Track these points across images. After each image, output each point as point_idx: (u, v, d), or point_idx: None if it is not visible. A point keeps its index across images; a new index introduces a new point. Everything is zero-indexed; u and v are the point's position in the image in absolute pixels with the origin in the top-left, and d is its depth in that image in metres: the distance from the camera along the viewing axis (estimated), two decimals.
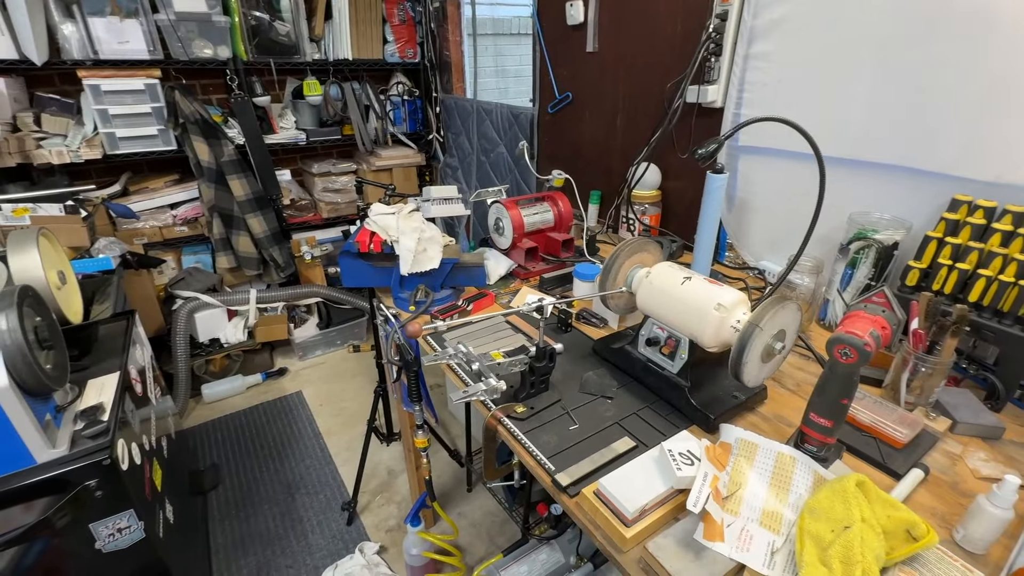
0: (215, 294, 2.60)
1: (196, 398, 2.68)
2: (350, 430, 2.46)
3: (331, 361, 3.06)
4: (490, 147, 2.70)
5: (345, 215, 3.01)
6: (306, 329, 2.99)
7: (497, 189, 1.68)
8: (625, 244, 1.08)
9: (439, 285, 1.42)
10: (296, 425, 2.48)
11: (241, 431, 2.45)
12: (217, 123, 2.39)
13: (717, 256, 1.65)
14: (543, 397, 1.01)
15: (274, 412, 2.58)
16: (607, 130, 2.03)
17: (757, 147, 1.48)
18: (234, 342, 2.71)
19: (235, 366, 2.79)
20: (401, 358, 1.19)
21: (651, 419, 0.97)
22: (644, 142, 1.73)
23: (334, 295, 2.90)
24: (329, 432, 2.45)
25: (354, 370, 2.96)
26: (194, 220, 2.65)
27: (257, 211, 2.56)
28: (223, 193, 2.49)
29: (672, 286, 0.99)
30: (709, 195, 1.22)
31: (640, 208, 1.82)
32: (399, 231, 1.34)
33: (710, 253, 1.30)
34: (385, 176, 3.02)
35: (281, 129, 2.71)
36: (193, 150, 2.38)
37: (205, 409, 2.62)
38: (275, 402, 2.66)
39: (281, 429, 2.46)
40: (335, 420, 2.53)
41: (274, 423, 2.50)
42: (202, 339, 2.65)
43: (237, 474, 2.20)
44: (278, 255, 2.70)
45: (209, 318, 2.62)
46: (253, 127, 2.52)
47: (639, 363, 1.06)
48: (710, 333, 0.92)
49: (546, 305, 0.95)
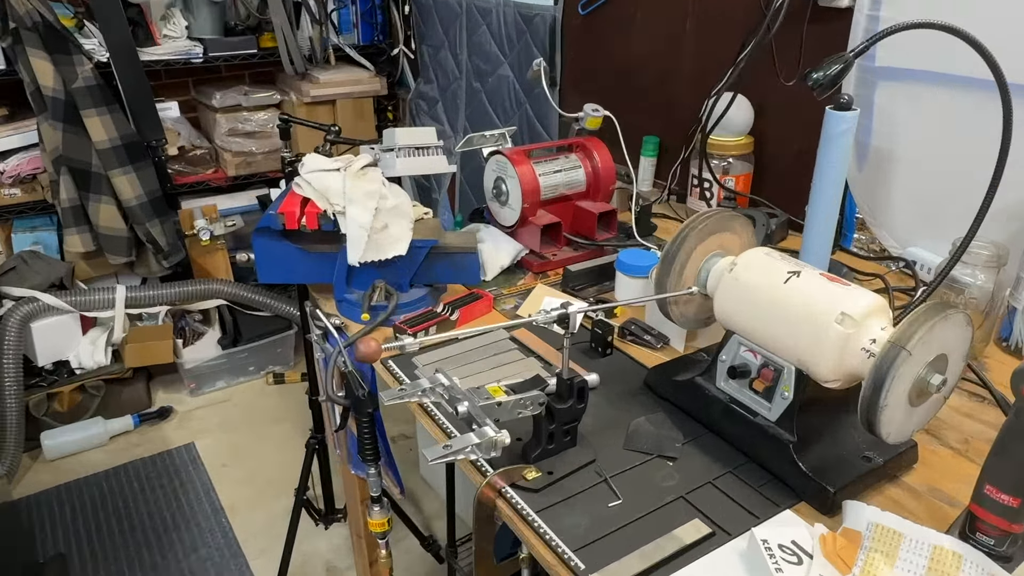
0: (62, 293, 2.61)
1: (33, 452, 2.70)
2: (268, 505, 2.47)
3: (240, 397, 3.07)
4: (488, 68, 2.71)
5: (263, 172, 3.02)
6: (202, 348, 3.00)
7: (498, 133, 1.67)
8: (697, 219, 1.07)
9: (407, 282, 1.41)
10: (186, 496, 2.49)
11: (101, 504, 2.46)
12: (67, 29, 2.41)
13: (840, 239, 1.65)
14: (568, 456, 1.01)
15: (152, 475, 2.59)
16: (669, 42, 2.02)
17: (904, 70, 1.47)
18: (91, 367, 2.73)
19: (92, 404, 2.81)
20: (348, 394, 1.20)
21: (735, 492, 0.96)
22: (729, 61, 1.73)
23: (246, 296, 2.92)
24: (236, 507, 2.46)
25: (276, 412, 2.97)
26: (31, 179, 2.67)
27: (127, 165, 2.57)
28: (75, 137, 2.51)
29: (770, 285, 0.98)
30: (829, 144, 1.21)
31: (722, 164, 1.82)
32: (346, 197, 1.34)
33: (830, 234, 1.29)
34: (326, 113, 3.03)
35: (165, 39, 2.73)
36: (30, 71, 2.40)
37: (46, 469, 2.64)
38: (154, 460, 2.67)
39: (163, 502, 2.47)
40: (245, 489, 2.54)
41: (152, 493, 2.51)
42: (42, 362, 2.67)
43: (95, 571, 2.21)
44: (159, 234, 2.71)
45: (53, 330, 2.63)
46: (122, 35, 2.53)
47: (718, 405, 1.05)
48: (829, 359, 0.91)
49: (573, 314, 0.95)
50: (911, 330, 0.82)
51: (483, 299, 1.41)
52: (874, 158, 1.58)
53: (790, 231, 1.72)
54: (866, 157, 1.60)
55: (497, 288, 1.51)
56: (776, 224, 1.65)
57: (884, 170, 1.57)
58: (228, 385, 3.12)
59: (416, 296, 1.41)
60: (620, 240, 1.64)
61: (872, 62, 1.51)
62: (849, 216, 1.65)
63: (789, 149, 1.78)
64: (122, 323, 2.69)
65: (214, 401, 3.03)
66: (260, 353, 3.13)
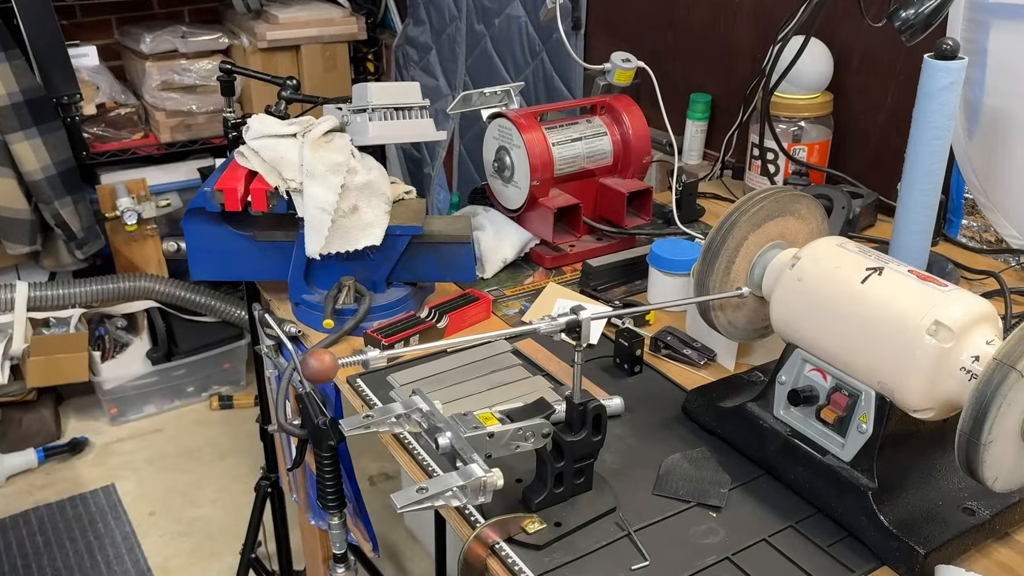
0: None
1: None
2: (208, 564, 2.48)
3: (175, 426, 3.08)
4: (495, 6, 2.71)
5: (206, 138, 3.03)
6: (127, 364, 3.01)
7: (502, 90, 1.68)
8: (751, 200, 1.07)
9: (383, 280, 1.42)
10: (103, 552, 2.51)
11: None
12: None
13: (944, 227, 1.64)
14: (581, 503, 1.01)
15: (60, 526, 2.61)
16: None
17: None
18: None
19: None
20: (305, 423, 1.21)
21: (797, 552, 0.96)
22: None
23: (183, 296, 2.93)
24: (167, 568, 2.47)
25: (220, 445, 2.98)
26: None
27: (31, 128, 2.59)
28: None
29: (844, 286, 0.97)
30: (929, 103, 1.21)
31: (791, 129, 1.81)
32: (304, 171, 1.35)
33: (930, 220, 1.28)
34: (288, 62, 3.04)
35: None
36: None
37: None
38: (63, 505, 2.68)
39: (73, 560, 2.48)
40: (179, 544, 2.55)
41: (59, 548, 2.52)
42: None
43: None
44: (71, 215, 2.73)
45: None
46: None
47: (775, 439, 1.05)
48: (918, 381, 0.90)
49: (586, 320, 0.95)
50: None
51: (480, 302, 1.41)
52: (988, 122, 1.57)
53: (879, 216, 1.71)
54: (977, 121, 1.59)
55: (498, 288, 1.51)
56: (860, 207, 1.64)
57: (1002, 137, 1.56)
58: (160, 411, 3.13)
59: (394, 298, 1.41)
60: (656, 228, 1.63)
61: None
62: (956, 197, 1.64)
63: (879, 110, 1.77)
64: (23, 331, 2.71)
65: (141, 431, 3.05)
66: (201, 370, 3.14)
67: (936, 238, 1.58)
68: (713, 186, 1.96)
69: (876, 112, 1.78)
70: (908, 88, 1.37)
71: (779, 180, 1.82)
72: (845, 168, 1.82)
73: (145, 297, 2.90)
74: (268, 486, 2.12)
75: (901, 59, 1.69)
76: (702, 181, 1.90)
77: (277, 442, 1.94)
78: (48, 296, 2.74)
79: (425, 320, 1.35)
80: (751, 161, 1.88)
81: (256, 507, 2.13)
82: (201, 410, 3.15)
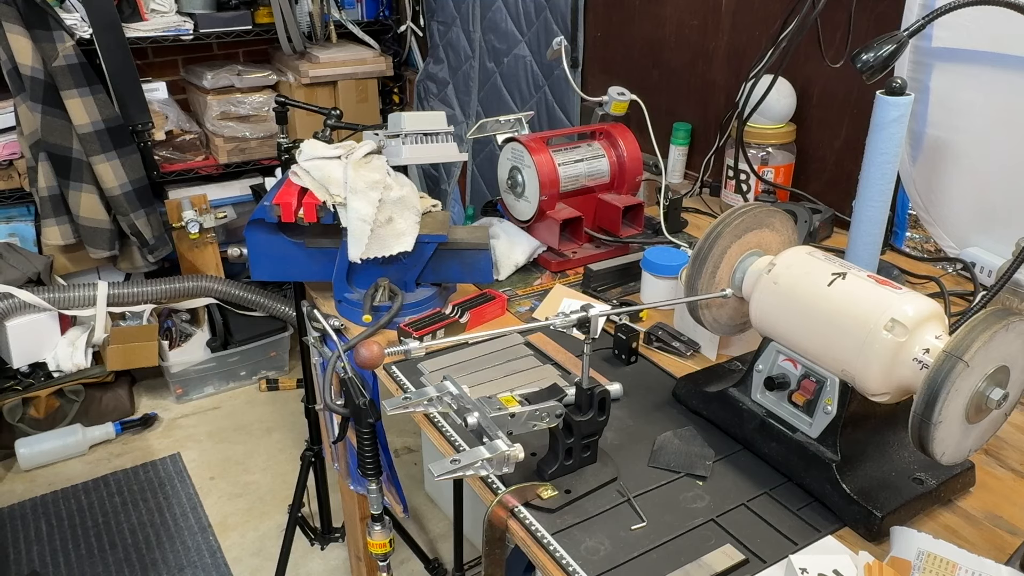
0: (40, 289, 2.64)
1: (6, 461, 2.73)
2: (260, 522, 2.48)
3: (230, 405, 3.09)
4: (504, 47, 2.71)
5: (257, 160, 3.04)
6: (190, 351, 3.02)
7: (514, 118, 1.68)
8: (732, 215, 1.07)
9: (413, 281, 1.42)
10: (171, 511, 2.51)
11: (79, 519, 2.48)
12: (47, 2, 2.43)
13: (891, 238, 1.64)
14: (587, 473, 1.01)
15: (134, 488, 2.62)
16: (704, 17, 2.02)
17: (964, 51, 1.46)
18: (70, 370, 2.76)
19: (71, 410, 2.84)
20: (348, 403, 1.20)
21: (771, 515, 0.96)
22: (768, 38, 1.73)
23: (237, 295, 2.93)
24: (225, 524, 2.47)
25: (269, 421, 2.99)
26: (7, 165, 2.70)
27: (111, 151, 2.60)
28: (55, 121, 2.53)
29: (812, 288, 0.98)
30: (880, 133, 1.21)
31: (760, 154, 1.81)
32: (347, 188, 1.35)
33: (879, 233, 1.28)
34: (326, 95, 3.04)
35: (153, 14, 2.75)
36: (7, 47, 2.42)
37: (21, 480, 2.66)
38: (136, 471, 2.70)
39: (145, 517, 2.49)
40: (235, 504, 2.56)
41: (134, 507, 2.53)
42: (17, 364, 2.69)
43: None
44: (144, 226, 2.74)
45: (29, 329, 2.66)
46: (107, 9, 2.55)
47: (753, 420, 1.06)
48: (877, 370, 0.91)
49: (595, 317, 0.95)
50: (969, 339, 0.81)
51: (496, 300, 1.41)
52: (929, 149, 1.57)
53: (835, 228, 1.71)
54: (920, 147, 1.59)
55: (511, 288, 1.51)
56: (820, 220, 1.64)
57: (940, 162, 1.56)
58: (217, 391, 3.14)
59: (423, 296, 1.41)
60: (647, 237, 1.63)
61: (928, 42, 1.50)
62: (901, 213, 1.64)
63: (835, 138, 1.77)
64: (104, 323, 2.71)
65: (202, 408, 3.05)
66: (252, 357, 3.15)
67: (884, 247, 1.58)
68: (694, 202, 1.95)
69: (833, 140, 1.78)
70: (860, 120, 1.37)
71: (751, 197, 1.82)
72: (806, 187, 1.83)
73: (205, 295, 2.90)
74: (312, 456, 2.12)
75: (855, 96, 1.69)
76: (685, 197, 1.90)
77: (320, 419, 1.94)
78: (124, 294, 2.74)
79: (449, 316, 1.35)
80: (726, 180, 1.88)
81: (302, 474, 2.14)
82: (251, 391, 3.16)
